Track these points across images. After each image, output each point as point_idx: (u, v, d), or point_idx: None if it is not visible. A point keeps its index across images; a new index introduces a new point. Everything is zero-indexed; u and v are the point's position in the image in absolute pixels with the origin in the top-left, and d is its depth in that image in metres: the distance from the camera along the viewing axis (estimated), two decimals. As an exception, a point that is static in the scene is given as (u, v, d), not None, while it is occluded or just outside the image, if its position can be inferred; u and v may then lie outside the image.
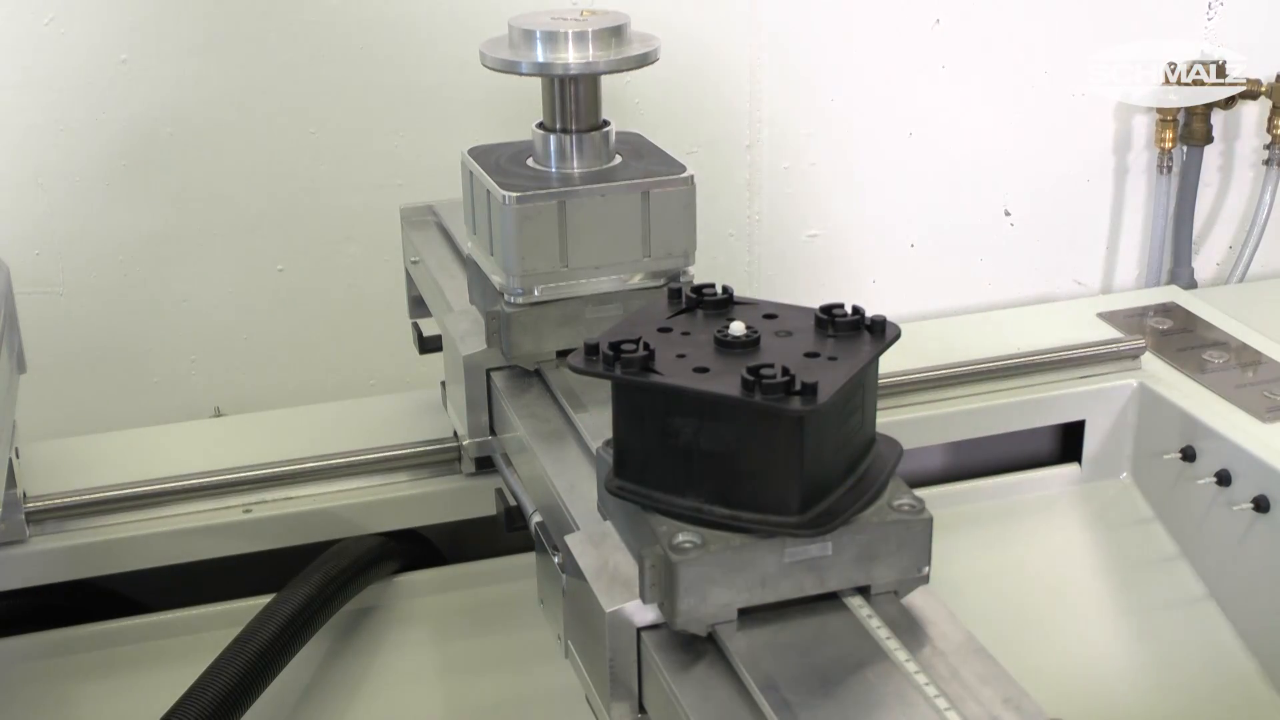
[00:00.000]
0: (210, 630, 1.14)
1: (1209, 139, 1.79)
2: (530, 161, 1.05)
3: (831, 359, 0.71)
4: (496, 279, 1.03)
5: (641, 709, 0.74)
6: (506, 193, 0.99)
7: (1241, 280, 1.85)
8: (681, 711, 0.68)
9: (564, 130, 1.04)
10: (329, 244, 1.65)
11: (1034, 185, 1.83)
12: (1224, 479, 1.30)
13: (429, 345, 1.25)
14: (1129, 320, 1.57)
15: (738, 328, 0.74)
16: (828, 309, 0.75)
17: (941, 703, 0.64)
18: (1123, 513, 1.41)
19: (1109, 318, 1.57)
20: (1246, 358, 1.47)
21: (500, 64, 1.01)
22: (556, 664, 0.85)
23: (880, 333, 0.74)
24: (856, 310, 0.75)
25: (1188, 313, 1.59)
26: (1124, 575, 1.36)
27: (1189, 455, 1.35)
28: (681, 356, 0.72)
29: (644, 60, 1.02)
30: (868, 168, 1.76)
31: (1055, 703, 0.67)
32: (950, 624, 0.72)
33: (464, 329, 1.10)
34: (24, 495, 1.18)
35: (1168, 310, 1.60)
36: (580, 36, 0.99)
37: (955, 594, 0.75)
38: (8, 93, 1.51)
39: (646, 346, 0.72)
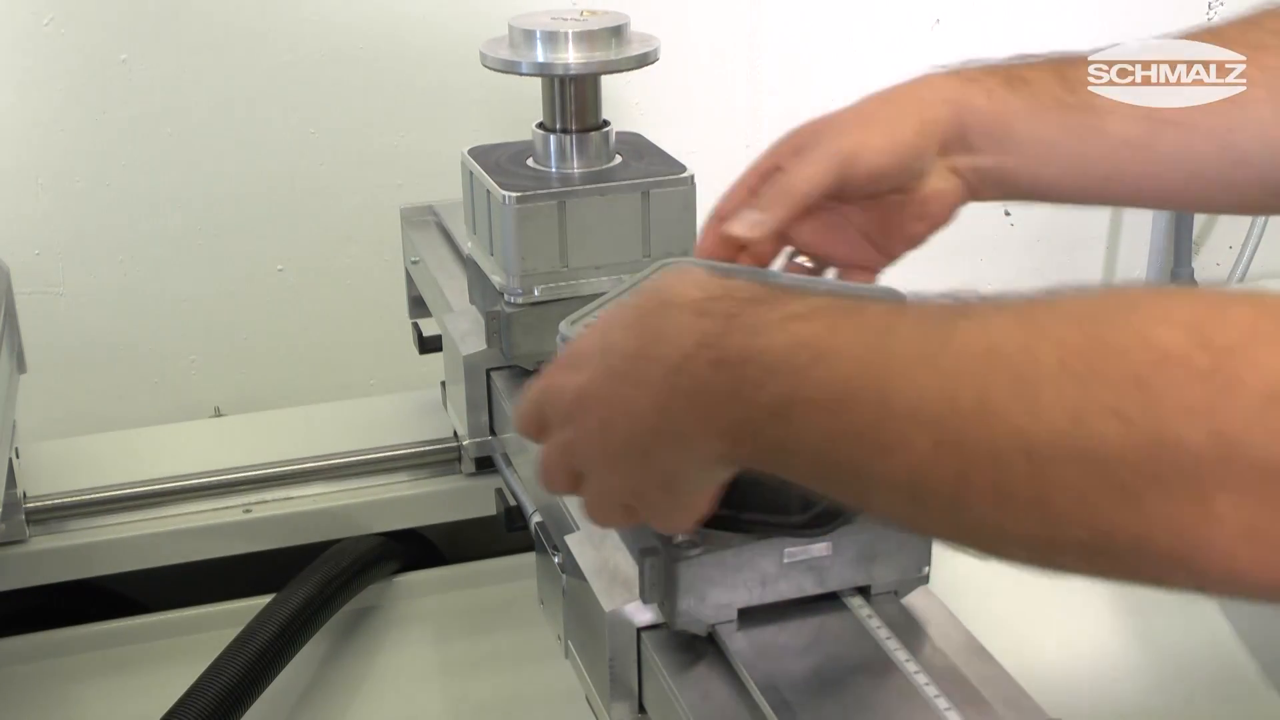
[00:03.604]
0: (210, 630, 1.14)
1: (1209, 139, 1.79)
2: (530, 161, 1.05)
3: (831, 359, 0.71)
4: (496, 279, 1.03)
5: (641, 709, 0.74)
6: (506, 193, 0.99)
7: (1242, 280, 1.85)
8: (681, 711, 0.68)
9: (564, 130, 1.04)
10: (329, 244, 1.65)
11: (1034, 185, 1.83)
12: (1224, 479, 1.30)
13: (429, 345, 1.25)
14: (1129, 320, 1.56)
15: (738, 327, 0.73)
16: (828, 309, 0.75)
17: (941, 703, 0.64)
18: (1123, 513, 1.41)
19: (1109, 318, 1.56)
20: (1246, 358, 1.47)
21: (500, 64, 1.01)
22: (556, 664, 0.85)
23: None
24: (856, 310, 0.75)
25: (1188, 313, 1.58)
26: (1124, 575, 1.36)
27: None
28: (681, 356, 0.72)
29: (644, 60, 1.02)
30: (868, 168, 1.76)
31: (1055, 703, 0.67)
32: (950, 624, 0.72)
33: (464, 329, 1.10)
34: (24, 495, 1.18)
35: (1168, 310, 1.60)
36: (580, 37, 0.99)
37: (955, 594, 0.75)
38: (8, 93, 1.51)
39: (646, 346, 0.71)
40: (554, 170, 1.04)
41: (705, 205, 1.05)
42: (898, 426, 0.47)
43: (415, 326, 1.30)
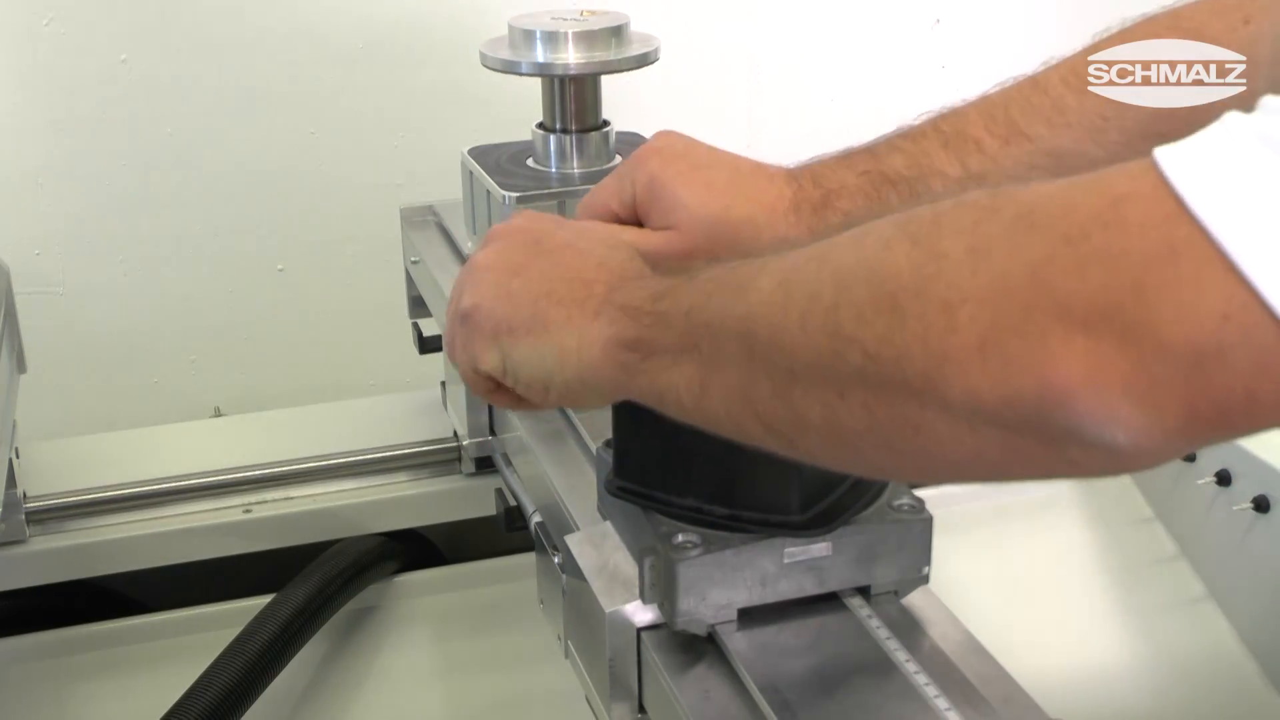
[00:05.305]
0: (210, 630, 1.14)
1: (1209, 139, 1.79)
2: (530, 161, 1.05)
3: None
4: (496, 279, 1.03)
5: (641, 709, 0.74)
6: (506, 193, 0.99)
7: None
8: (681, 711, 0.68)
9: (564, 130, 1.04)
10: (329, 244, 1.65)
11: (1034, 185, 1.83)
12: (1224, 479, 1.30)
13: (429, 345, 1.25)
14: (1129, 320, 1.56)
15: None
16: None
17: (941, 703, 0.64)
18: (1123, 513, 1.41)
19: (1109, 317, 1.56)
20: (1246, 357, 1.47)
21: (500, 64, 1.01)
22: (556, 664, 0.85)
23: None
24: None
25: (1188, 313, 1.58)
26: (1124, 575, 1.36)
27: (1189, 455, 1.35)
28: (682, 356, 0.72)
29: (644, 60, 1.02)
30: (868, 168, 1.76)
31: (1055, 703, 0.67)
32: (950, 624, 0.71)
33: (464, 329, 1.09)
34: (24, 495, 1.18)
35: (1168, 310, 1.60)
36: (580, 37, 0.99)
37: (955, 594, 0.75)
38: (8, 93, 1.51)
39: (646, 346, 0.71)
40: (554, 170, 1.04)
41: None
42: (750, 273, 0.54)
43: (415, 326, 1.30)
